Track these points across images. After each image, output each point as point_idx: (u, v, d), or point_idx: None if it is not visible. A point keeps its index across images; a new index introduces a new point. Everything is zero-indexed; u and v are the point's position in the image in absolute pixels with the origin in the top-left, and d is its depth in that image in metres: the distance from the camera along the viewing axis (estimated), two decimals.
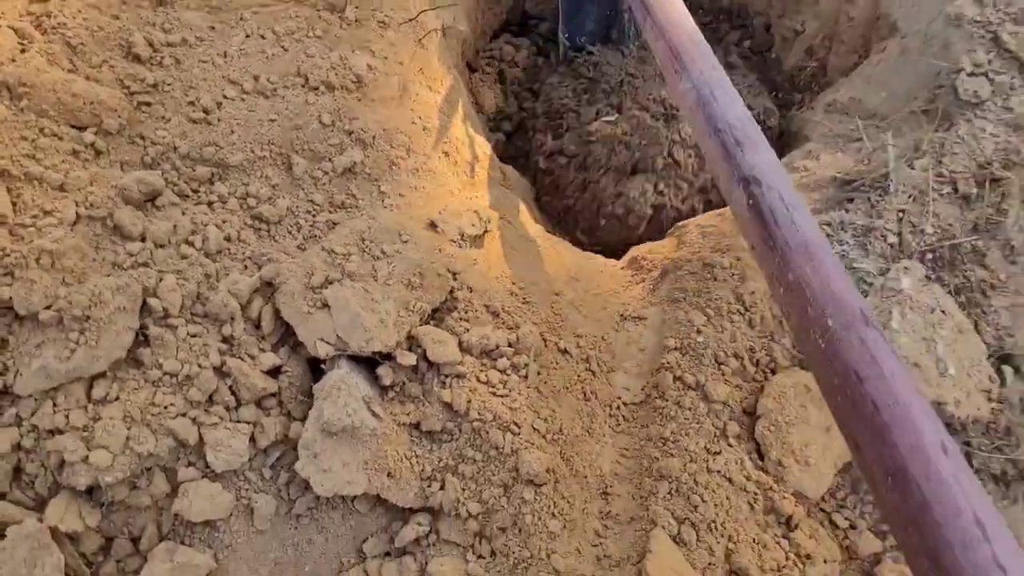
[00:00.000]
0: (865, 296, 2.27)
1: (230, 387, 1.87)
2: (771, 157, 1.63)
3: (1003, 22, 2.57)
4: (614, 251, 2.85)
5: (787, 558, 2.00)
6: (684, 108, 1.95)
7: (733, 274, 2.32)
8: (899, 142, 2.56)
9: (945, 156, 2.47)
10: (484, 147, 2.83)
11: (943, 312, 2.24)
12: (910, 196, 2.42)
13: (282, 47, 2.36)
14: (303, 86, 2.31)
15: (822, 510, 2.14)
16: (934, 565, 0.84)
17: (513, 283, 2.29)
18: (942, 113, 2.55)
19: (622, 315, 2.40)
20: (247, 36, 2.33)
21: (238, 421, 1.86)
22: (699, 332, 2.24)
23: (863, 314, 1.21)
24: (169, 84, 2.17)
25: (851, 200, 2.48)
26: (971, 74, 2.53)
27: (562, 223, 3.20)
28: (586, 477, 2.00)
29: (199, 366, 1.84)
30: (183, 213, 2.03)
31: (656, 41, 2.12)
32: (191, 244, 1.98)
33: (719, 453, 2.06)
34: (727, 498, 2.01)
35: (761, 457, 2.09)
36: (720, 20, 3.72)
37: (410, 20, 2.64)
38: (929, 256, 2.36)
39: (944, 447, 0.93)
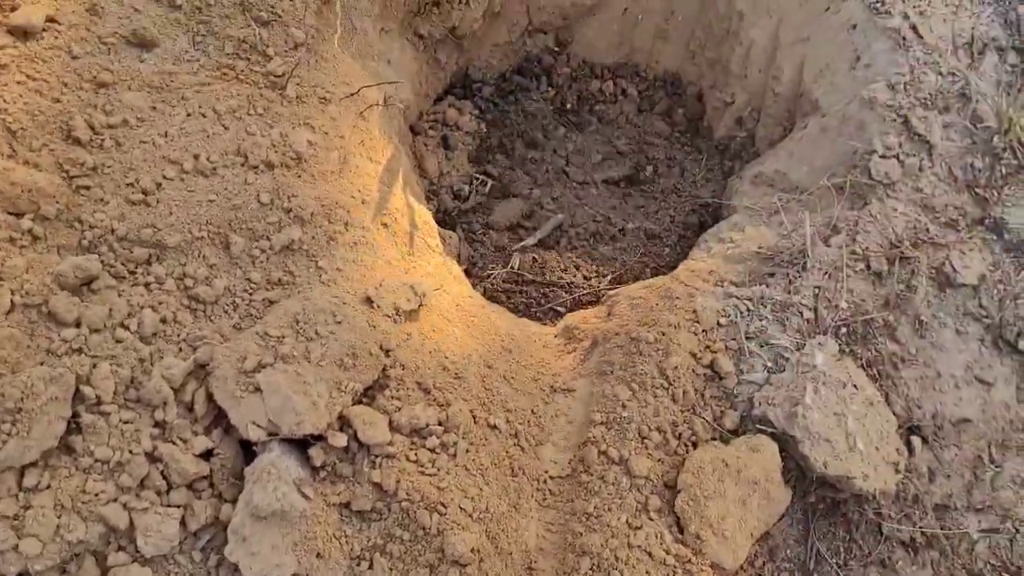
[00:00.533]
0: (782, 371, 2.39)
1: (161, 472, 1.91)
2: None
3: (913, 107, 2.73)
4: None
5: None
6: None
7: (658, 349, 2.42)
8: (818, 217, 2.69)
9: (859, 234, 2.60)
10: (424, 215, 2.91)
11: (855, 386, 2.36)
12: (826, 273, 2.54)
13: (223, 125, 2.42)
14: (243, 165, 2.37)
15: None
16: None
17: (446, 357, 2.36)
18: (857, 192, 2.69)
19: (552, 387, 2.49)
20: (188, 115, 2.39)
21: (169, 505, 1.90)
22: (624, 407, 2.33)
23: None
24: (109, 166, 2.22)
25: (772, 275, 2.60)
26: (883, 156, 2.68)
27: None
28: (511, 554, 2.08)
29: (131, 452, 1.88)
30: (119, 295, 2.07)
31: None
32: (126, 328, 2.02)
33: (640, 528, 2.15)
34: (647, 572, 2.09)
35: (680, 530, 2.18)
36: (656, 87, 3.86)
37: (352, 95, 2.72)
38: (843, 330, 2.49)
39: None
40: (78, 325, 1.97)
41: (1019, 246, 2.59)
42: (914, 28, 2.84)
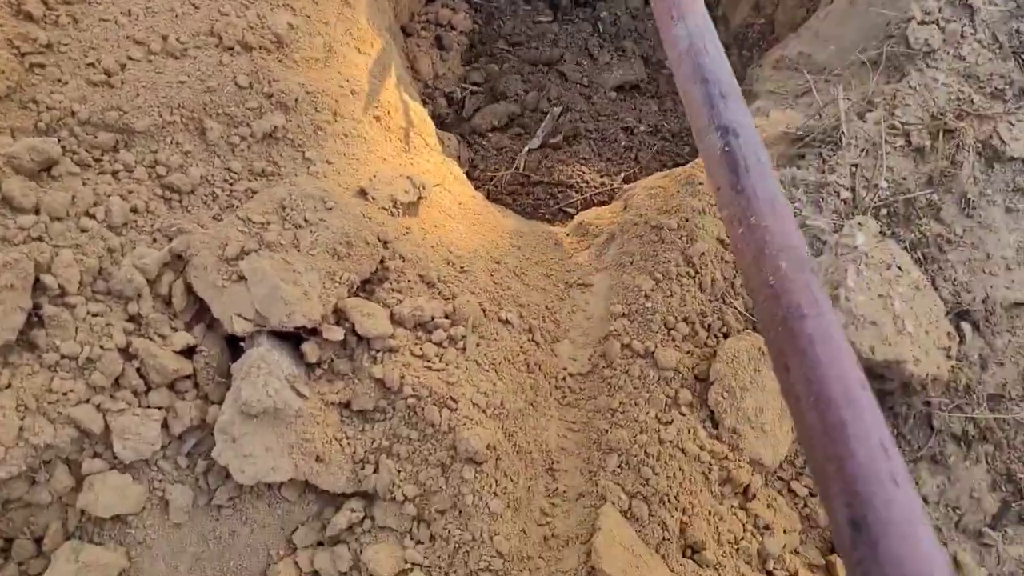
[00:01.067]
0: (820, 254, 2.18)
1: (138, 370, 1.71)
2: (749, 118, 1.67)
3: None
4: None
5: (745, 529, 1.90)
6: (673, 53, 1.90)
7: (682, 236, 2.20)
8: (850, 95, 2.46)
9: (897, 108, 2.37)
10: (420, 113, 2.68)
11: (899, 269, 2.15)
12: (863, 150, 2.32)
13: (193, 4, 2.18)
14: (217, 46, 2.13)
15: (780, 478, 2.05)
16: (839, 470, 1.00)
17: (450, 252, 2.15)
18: (893, 64, 2.45)
19: (567, 283, 2.28)
20: None
21: (148, 406, 1.70)
22: (647, 297, 2.12)
23: (810, 264, 1.31)
24: (66, 44, 1.98)
25: (803, 156, 2.38)
26: (921, 23, 2.44)
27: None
28: (530, 453, 1.88)
29: (101, 347, 1.68)
30: (84, 184, 1.85)
31: None
32: (92, 216, 1.81)
33: (671, 423, 1.95)
34: (680, 469, 1.90)
35: (715, 425, 1.98)
36: None
37: None
38: (884, 211, 2.27)
39: (863, 383, 1.09)
40: (37, 212, 1.75)
41: None
42: None
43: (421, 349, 1.88)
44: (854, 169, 2.29)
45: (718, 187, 1.61)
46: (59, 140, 1.87)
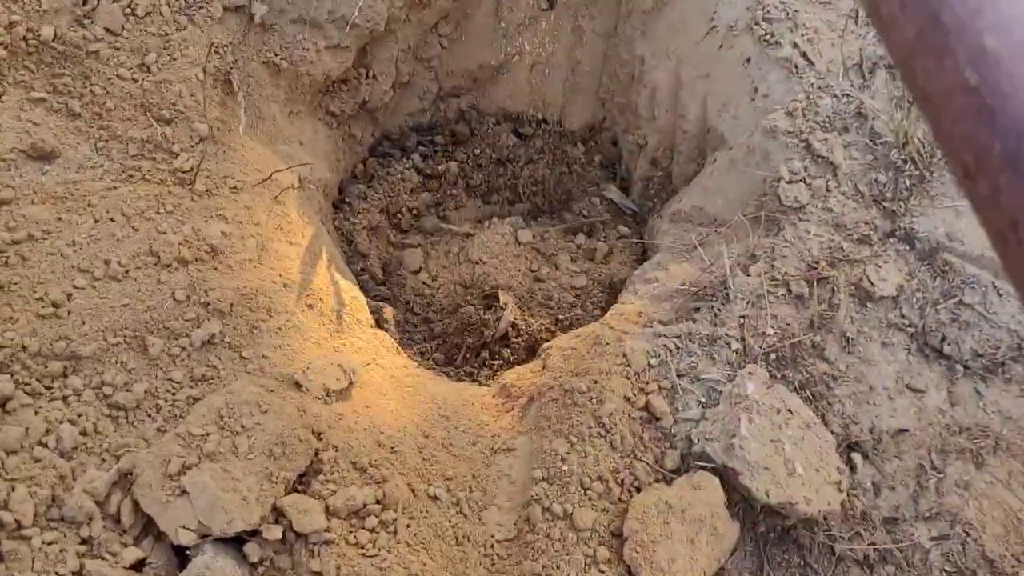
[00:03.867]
0: (716, 404, 2.40)
1: None
2: None
3: (813, 130, 2.80)
4: None
5: None
6: None
7: (592, 398, 2.42)
8: (736, 248, 2.74)
9: (776, 260, 2.65)
10: (350, 291, 2.91)
11: (789, 411, 2.38)
12: (749, 302, 2.58)
13: (132, 228, 2.41)
14: (156, 264, 2.36)
15: None
16: None
17: (381, 432, 2.34)
18: (770, 219, 2.74)
19: (492, 448, 2.47)
20: (96, 221, 2.38)
21: None
22: (564, 460, 2.32)
23: None
24: (16, 283, 2.19)
25: (697, 310, 2.63)
26: (790, 181, 2.74)
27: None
28: None
29: (56, 574, 1.83)
30: (36, 413, 2.04)
31: None
32: (44, 445, 1.99)
33: None
34: None
35: None
36: (569, 142, 3.93)
37: (263, 181, 2.73)
38: (772, 357, 2.51)
39: None
40: None
41: (931, 253, 2.65)
42: (805, 55, 2.93)
43: (355, 537, 2.06)
44: (742, 320, 2.54)
45: None
46: (12, 375, 2.06)
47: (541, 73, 3.67)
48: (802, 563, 2.35)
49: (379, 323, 3.05)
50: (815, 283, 2.59)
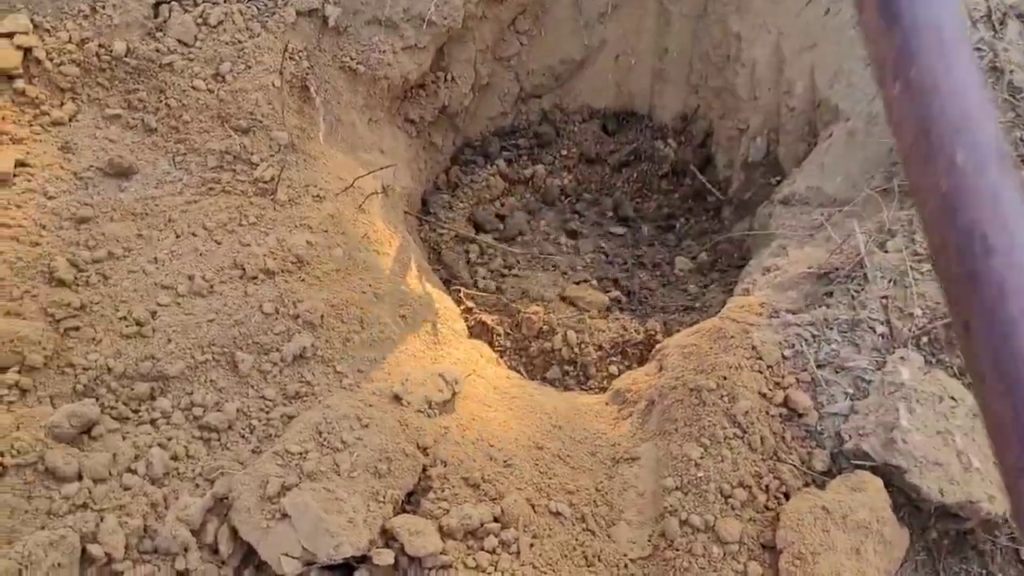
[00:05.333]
0: (866, 396, 2.12)
1: None
2: None
3: None
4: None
5: None
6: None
7: (722, 396, 2.16)
8: (867, 225, 2.46)
9: (917, 233, 2.36)
10: (443, 301, 2.72)
11: (952, 399, 2.08)
12: (890, 280, 2.29)
13: (215, 241, 2.27)
14: (241, 278, 2.21)
15: None
16: None
17: (491, 445, 2.12)
18: (904, 190, 2.46)
19: (613, 458, 2.23)
20: (177, 236, 2.25)
21: None
22: (698, 465, 2.06)
23: (999, 154, 0.76)
24: (97, 303, 2.06)
25: (830, 294, 2.36)
26: None
27: None
28: None
29: None
30: (123, 438, 1.88)
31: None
32: (134, 472, 1.82)
33: None
34: None
35: None
36: (659, 136, 3.71)
37: (346, 189, 2.57)
38: (924, 340, 2.22)
39: None
40: (80, 478, 1.78)
41: None
42: None
43: (474, 560, 1.83)
44: (885, 301, 2.25)
45: (861, 9, 1.03)
46: (97, 399, 1.91)
47: (626, 64, 3.47)
48: (984, 572, 2.03)
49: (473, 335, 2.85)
50: None
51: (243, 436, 1.97)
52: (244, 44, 2.57)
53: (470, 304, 3.01)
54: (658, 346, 2.55)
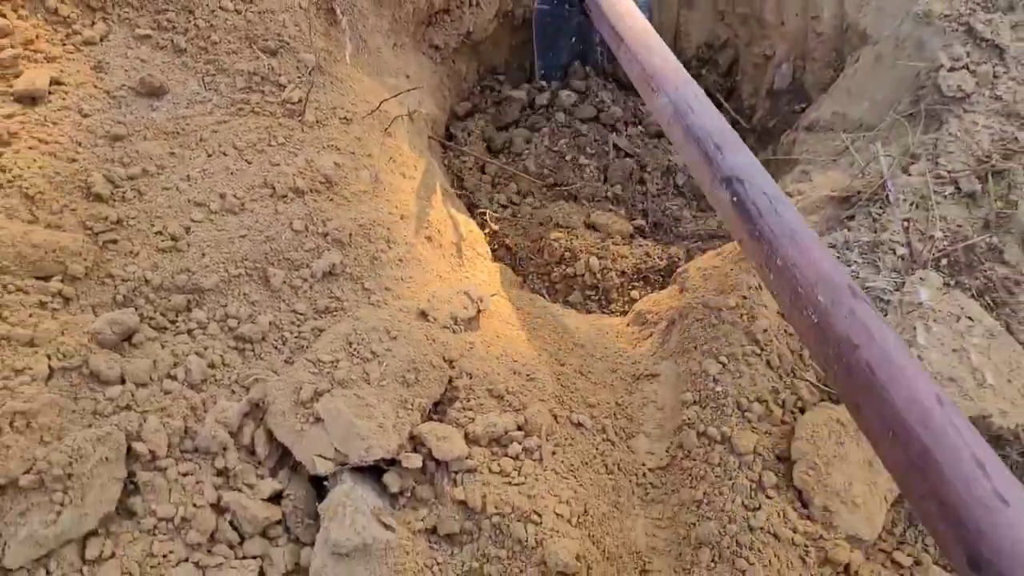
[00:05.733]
0: (884, 314, 2.15)
1: (231, 522, 1.76)
2: (750, 158, 1.92)
3: (974, 11, 2.50)
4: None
5: None
6: (663, 122, 2.09)
7: (742, 314, 2.21)
8: (891, 150, 2.46)
9: (941, 156, 2.37)
10: (467, 224, 2.76)
11: (970, 319, 2.11)
12: (912, 203, 2.31)
13: (246, 160, 2.31)
14: (271, 196, 2.26)
15: (881, 551, 1.98)
16: (939, 505, 0.90)
17: (514, 360, 2.18)
18: (929, 113, 2.45)
19: (634, 375, 2.29)
20: (208, 156, 2.29)
21: (244, 557, 1.75)
22: (716, 381, 2.12)
23: (851, 288, 1.34)
24: (134, 217, 2.12)
25: (852, 217, 2.38)
26: (951, 69, 2.44)
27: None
28: (621, 557, 1.87)
29: (195, 506, 1.74)
30: (162, 347, 1.95)
31: (631, 65, 2.33)
32: (173, 378, 1.90)
33: (759, 508, 1.92)
34: (775, 556, 1.86)
35: (805, 505, 1.95)
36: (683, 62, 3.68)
37: (373, 111, 2.60)
38: (944, 262, 2.25)
39: (939, 399, 1.02)
40: (123, 382, 1.86)
41: None
42: None
43: (499, 465, 1.91)
44: (906, 224, 2.27)
45: (740, 239, 1.71)
46: (136, 309, 1.98)
47: None
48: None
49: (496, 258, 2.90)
50: (988, 178, 2.30)
51: (276, 347, 2.04)
52: None
53: (495, 227, 3.05)
54: (679, 269, 2.58)
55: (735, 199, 1.66)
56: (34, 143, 2.12)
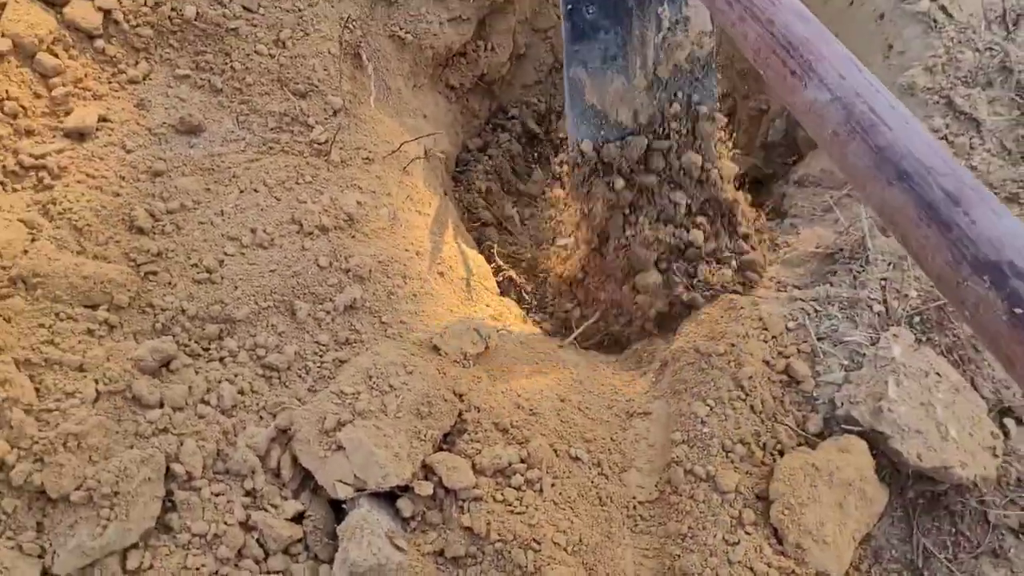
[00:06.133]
0: (860, 367, 2.34)
1: (257, 539, 1.94)
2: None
3: (954, 86, 2.69)
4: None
5: None
6: (819, 129, 1.33)
7: (729, 361, 2.39)
8: (871, 210, 2.65)
9: None
10: (476, 260, 2.94)
11: (937, 374, 2.30)
12: (889, 263, 2.50)
13: (275, 198, 2.49)
14: (298, 232, 2.43)
15: None
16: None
17: (519, 395, 2.36)
18: None
19: (628, 412, 2.47)
20: (241, 192, 2.47)
21: (268, 572, 1.92)
22: (704, 423, 2.30)
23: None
24: (172, 250, 2.29)
25: (834, 273, 2.57)
26: None
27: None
28: None
29: (226, 523, 1.91)
30: (196, 373, 2.13)
31: (744, 22, 1.53)
32: (207, 403, 2.07)
33: (737, 543, 2.10)
34: None
35: (780, 541, 2.13)
36: None
37: (393, 152, 2.78)
38: (916, 319, 2.44)
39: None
40: (161, 406, 2.03)
41: None
42: (943, 9, 2.81)
43: (502, 495, 2.08)
44: (883, 282, 2.46)
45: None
46: (174, 337, 2.15)
47: None
48: (953, 531, 2.28)
49: (503, 292, 3.08)
50: None
51: (300, 376, 2.22)
52: (303, 12, 2.75)
53: (500, 262, 3.23)
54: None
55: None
56: (82, 177, 2.29)
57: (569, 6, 2.46)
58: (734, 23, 1.55)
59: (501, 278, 3.22)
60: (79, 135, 2.36)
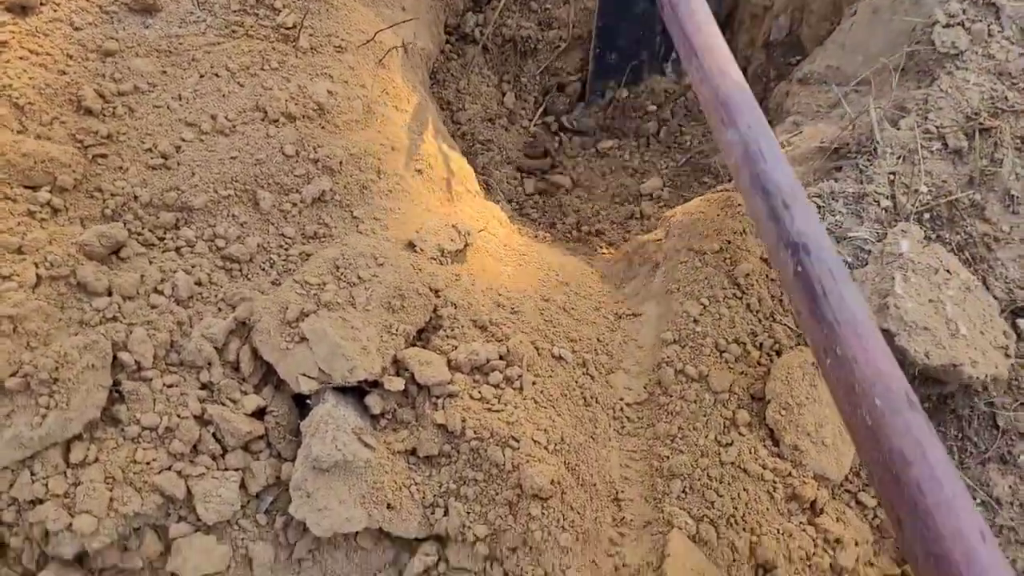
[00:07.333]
0: (864, 264, 2.19)
1: (214, 434, 1.80)
2: (820, 226, 1.71)
3: None
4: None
5: (815, 545, 1.91)
6: (728, 158, 1.98)
7: (725, 258, 2.24)
8: (882, 103, 2.48)
9: (931, 112, 2.38)
10: (459, 161, 2.77)
11: (947, 271, 2.15)
12: (899, 157, 2.33)
13: (238, 83, 2.30)
14: (263, 120, 2.25)
15: (847, 491, 2.05)
16: None
17: (499, 294, 2.21)
18: (922, 69, 2.47)
19: (617, 314, 2.32)
20: (201, 76, 2.28)
21: (226, 469, 1.79)
22: (696, 322, 2.16)
23: (908, 397, 1.30)
24: (124, 133, 2.11)
25: (839, 168, 2.40)
26: (946, 25, 2.45)
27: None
28: (595, 485, 1.92)
29: (179, 416, 1.77)
30: (150, 262, 1.97)
31: (701, 85, 2.16)
32: (160, 293, 1.91)
33: (731, 444, 1.97)
34: (744, 490, 1.92)
35: (776, 443, 2.00)
36: None
37: (368, 41, 2.58)
38: (926, 216, 2.28)
39: (983, 536, 1.04)
40: (110, 294, 1.87)
41: None
42: None
43: (480, 392, 1.94)
44: (892, 177, 2.30)
45: (798, 311, 1.64)
46: (125, 224, 1.99)
47: None
48: (960, 435, 2.15)
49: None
50: (975, 135, 2.33)
51: (263, 269, 2.06)
52: None
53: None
54: (667, 213, 2.61)
55: (799, 270, 1.59)
56: (24, 53, 2.10)
57: (597, 50, 3.46)
58: (696, 83, 2.22)
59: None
60: (21, 8, 2.16)
